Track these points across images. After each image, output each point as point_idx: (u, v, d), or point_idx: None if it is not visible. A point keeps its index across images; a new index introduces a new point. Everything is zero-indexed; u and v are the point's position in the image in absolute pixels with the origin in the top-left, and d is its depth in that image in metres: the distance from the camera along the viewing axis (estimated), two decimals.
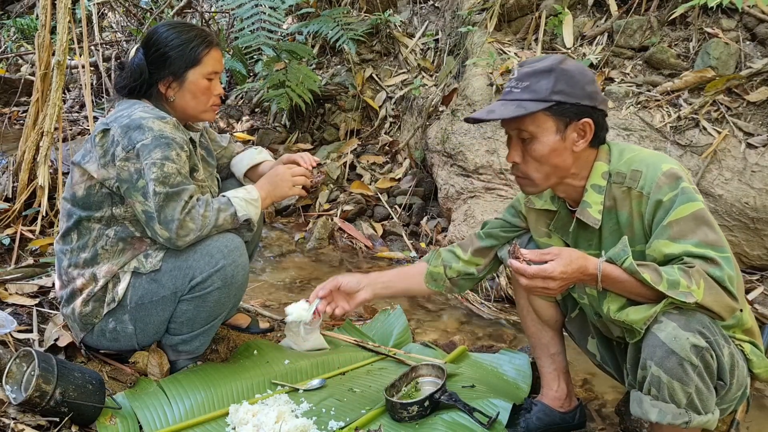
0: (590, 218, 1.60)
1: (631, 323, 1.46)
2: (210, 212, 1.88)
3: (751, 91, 2.90)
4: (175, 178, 1.83)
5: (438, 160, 3.60)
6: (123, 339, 1.99)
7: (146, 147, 1.82)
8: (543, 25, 3.57)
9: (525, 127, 1.55)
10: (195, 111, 1.99)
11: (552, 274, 1.41)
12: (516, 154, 1.59)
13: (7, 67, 6.59)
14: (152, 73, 1.93)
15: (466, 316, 2.87)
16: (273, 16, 4.04)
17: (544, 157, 1.56)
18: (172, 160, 1.83)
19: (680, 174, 1.51)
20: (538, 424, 1.92)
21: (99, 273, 1.92)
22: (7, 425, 1.62)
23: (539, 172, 1.58)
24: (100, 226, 1.92)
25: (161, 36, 1.94)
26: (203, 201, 1.89)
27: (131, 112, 1.88)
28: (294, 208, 4.08)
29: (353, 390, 2.05)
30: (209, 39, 1.97)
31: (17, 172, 3.19)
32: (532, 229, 1.83)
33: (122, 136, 1.83)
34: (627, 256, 1.43)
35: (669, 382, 1.41)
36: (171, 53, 1.91)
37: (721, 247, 1.46)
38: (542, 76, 1.53)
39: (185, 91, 1.95)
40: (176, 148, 1.85)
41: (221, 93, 2.02)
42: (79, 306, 1.95)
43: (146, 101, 1.96)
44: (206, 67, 1.94)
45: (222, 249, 1.91)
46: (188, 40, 1.93)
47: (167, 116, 1.90)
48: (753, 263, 2.79)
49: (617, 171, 1.58)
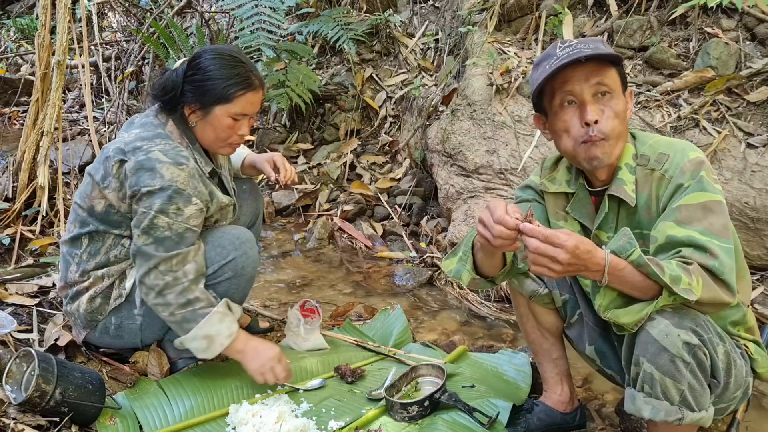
0: (627, 196, 1.56)
1: (622, 325, 1.45)
2: (175, 290, 1.82)
3: (751, 91, 2.90)
4: (163, 232, 1.80)
5: (438, 160, 3.60)
6: (127, 336, 1.99)
7: (150, 194, 1.80)
8: (543, 25, 3.57)
9: (608, 81, 1.51)
10: (212, 144, 1.96)
11: (565, 243, 1.33)
12: (596, 112, 1.51)
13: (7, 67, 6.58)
14: (184, 93, 1.89)
15: (466, 316, 2.87)
16: (273, 17, 4.04)
17: (622, 113, 1.53)
18: (166, 213, 1.80)
19: (705, 164, 1.50)
20: (538, 424, 1.92)
21: (108, 272, 1.95)
22: (7, 425, 1.62)
23: (616, 131, 1.53)
24: (115, 236, 1.93)
25: (204, 61, 1.89)
26: (185, 270, 1.83)
27: (151, 147, 1.83)
28: (294, 208, 4.08)
29: (353, 390, 2.05)
30: (249, 81, 1.89)
31: (17, 172, 3.19)
32: (550, 213, 1.77)
33: (133, 173, 1.82)
34: (634, 248, 1.40)
35: (661, 379, 1.41)
36: (206, 83, 1.87)
37: (725, 238, 1.44)
38: (599, 42, 1.54)
39: (207, 123, 1.91)
40: (179, 201, 1.81)
41: (246, 134, 1.95)
42: (85, 302, 1.96)
43: (172, 122, 1.93)
44: (235, 107, 1.88)
45: (234, 241, 1.94)
46: (228, 76, 1.86)
47: (185, 162, 1.84)
48: (753, 263, 2.79)
49: (642, 153, 1.58)
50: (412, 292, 3.10)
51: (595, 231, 1.64)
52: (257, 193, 2.28)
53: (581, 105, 1.53)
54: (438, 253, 3.39)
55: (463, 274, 1.69)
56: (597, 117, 1.51)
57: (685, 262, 1.40)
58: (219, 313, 1.86)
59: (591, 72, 1.51)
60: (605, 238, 1.61)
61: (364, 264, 3.44)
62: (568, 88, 1.53)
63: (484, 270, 1.67)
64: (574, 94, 1.53)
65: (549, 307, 1.88)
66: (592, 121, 1.51)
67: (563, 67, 1.49)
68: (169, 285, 1.81)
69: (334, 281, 3.22)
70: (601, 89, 1.52)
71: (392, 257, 3.49)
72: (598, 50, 1.49)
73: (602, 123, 1.52)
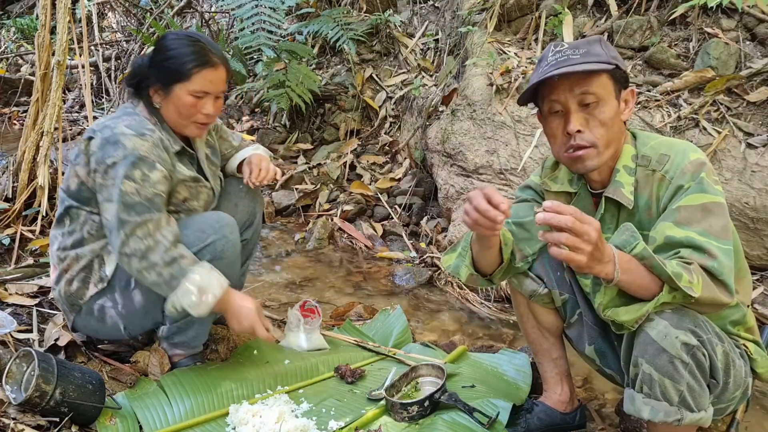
0: (624, 198, 1.57)
1: (622, 323, 1.45)
2: (159, 251, 1.82)
3: (751, 91, 2.90)
4: (132, 198, 1.82)
5: (438, 160, 3.60)
6: (109, 320, 1.99)
7: (114, 165, 1.83)
8: (543, 25, 3.57)
9: (593, 90, 1.51)
10: (177, 124, 1.98)
11: (593, 221, 1.29)
12: (579, 122, 1.52)
13: (7, 67, 6.59)
14: (149, 76, 1.94)
15: (466, 316, 2.87)
16: (273, 17, 4.04)
17: (610, 120, 1.53)
18: (133, 179, 1.82)
19: (706, 166, 1.50)
20: (538, 424, 1.92)
21: (82, 252, 1.97)
22: (7, 425, 1.62)
23: (604, 138, 1.53)
24: (87, 213, 1.96)
25: (165, 42, 1.93)
26: (163, 234, 1.84)
27: (117, 123, 1.88)
28: (294, 208, 4.08)
29: (353, 390, 2.05)
30: (207, 58, 1.90)
31: (17, 172, 3.19)
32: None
33: (99, 148, 1.86)
34: (638, 241, 1.40)
35: (660, 379, 1.41)
36: (165, 62, 1.91)
37: (724, 239, 1.44)
38: (594, 44, 1.54)
39: (169, 103, 1.94)
40: (143, 167, 1.83)
41: (211, 113, 1.95)
42: (64, 286, 1.99)
43: (142, 104, 1.98)
44: (194, 84, 1.89)
45: (213, 225, 1.94)
46: (185, 54, 1.89)
47: (149, 133, 1.88)
48: (753, 263, 2.79)
49: (642, 154, 1.58)
50: (412, 292, 3.10)
51: None
52: (255, 193, 2.27)
53: (566, 114, 1.54)
54: (438, 254, 3.39)
55: (461, 270, 1.70)
56: (580, 127, 1.52)
57: (685, 262, 1.40)
58: (207, 265, 1.87)
59: (576, 82, 1.51)
60: (603, 238, 1.61)
61: (364, 264, 3.44)
62: (553, 97, 1.54)
63: (481, 265, 1.68)
64: (560, 102, 1.54)
65: (549, 306, 1.88)
66: (573, 132, 1.52)
67: (547, 77, 1.50)
68: (151, 248, 1.82)
69: (334, 281, 3.22)
70: (586, 99, 1.52)
71: (392, 257, 3.49)
72: (586, 57, 1.49)
73: (587, 132, 1.53)
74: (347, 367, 2.14)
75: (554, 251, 1.29)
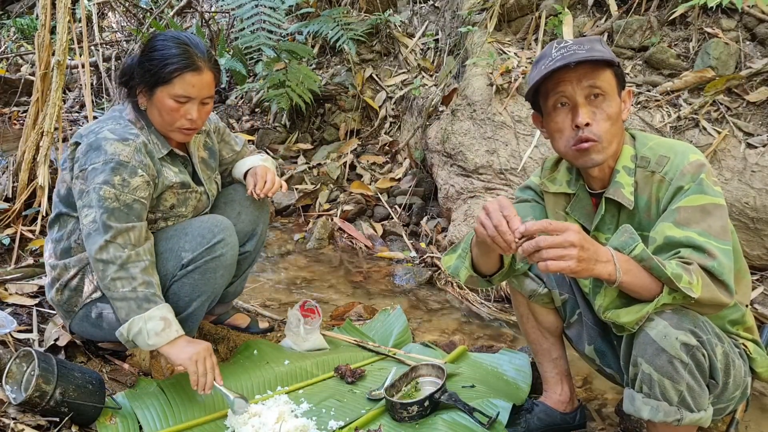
0: (624, 198, 1.57)
1: (622, 325, 1.45)
2: (139, 266, 1.79)
3: (751, 91, 2.90)
4: (111, 203, 1.80)
5: (438, 160, 3.60)
6: (106, 325, 1.98)
7: (95, 170, 1.81)
8: (543, 25, 3.57)
9: (599, 83, 1.51)
10: (162, 128, 1.94)
11: (568, 225, 1.31)
12: (588, 115, 1.52)
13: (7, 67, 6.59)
14: (135, 77, 1.91)
15: (466, 316, 2.87)
16: (273, 17, 4.04)
17: (615, 115, 1.53)
18: (112, 185, 1.80)
19: (705, 167, 1.50)
20: (538, 424, 1.92)
21: (70, 263, 1.96)
22: (7, 425, 1.62)
23: (609, 133, 1.53)
24: (75, 220, 1.96)
25: (152, 44, 1.89)
26: (145, 249, 1.82)
27: (101, 128, 1.87)
28: (294, 208, 4.09)
29: (353, 390, 2.05)
30: (190, 61, 1.84)
31: (17, 172, 3.19)
32: (549, 214, 1.77)
33: (83, 154, 1.85)
34: (637, 242, 1.40)
35: (660, 379, 1.41)
36: (148, 64, 1.87)
37: (724, 239, 1.44)
38: (595, 42, 1.54)
39: (153, 106, 1.90)
40: (123, 173, 1.81)
41: (195, 118, 1.89)
42: (55, 294, 2.00)
43: (130, 106, 1.95)
44: (175, 88, 1.84)
45: (212, 229, 1.94)
46: (168, 56, 1.84)
47: (132, 138, 1.85)
48: (753, 263, 2.79)
49: (642, 155, 1.58)
50: (412, 292, 3.10)
51: (593, 232, 1.65)
52: (261, 204, 2.20)
53: (573, 107, 1.53)
54: (438, 254, 3.39)
55: (460, 271, 1.69)
56: (588, 120, 1.52)
57: (684, 262, 1.41)
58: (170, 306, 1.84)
59: (584, 74, 1.51)
60: (603, 239, 1.61)
61: (364, 264, 3.44)
62: (560, 89, 1.53)
63: (481, 268, 1.67)
64: (567, 96, 1.53)
65: (549, 306, 1.88)
66: (582, 124, 1.52)
67: (557, 69, 1.49)
68: (132, 259, 1.79)
69: (334, 281, 3.22)
70: (593, 91, 1.52)
71: (392, 257, 3.49)
72: (592, 52, 1.49)
73: (594, 125, 1.52)
74: (347, 367, 2.14)
75: (541, 267, 1.31)
